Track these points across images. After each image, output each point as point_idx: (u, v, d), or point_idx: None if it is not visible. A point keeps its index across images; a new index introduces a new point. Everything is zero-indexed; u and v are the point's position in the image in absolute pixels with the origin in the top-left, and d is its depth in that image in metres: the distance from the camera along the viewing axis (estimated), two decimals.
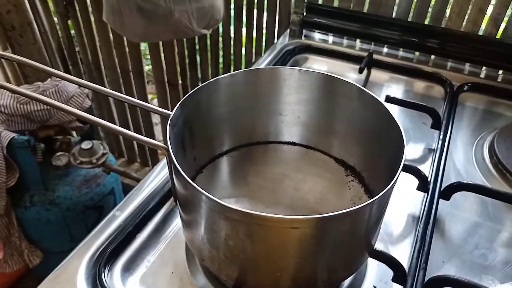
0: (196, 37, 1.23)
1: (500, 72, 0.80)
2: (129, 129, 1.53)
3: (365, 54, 0.80)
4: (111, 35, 1.32)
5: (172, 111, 0.43)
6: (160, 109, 0.45)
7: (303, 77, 0.51)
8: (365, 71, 0.80)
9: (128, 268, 0.48)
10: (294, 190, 0.52)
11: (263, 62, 0.82)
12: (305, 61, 0.85)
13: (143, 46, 1.74)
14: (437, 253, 0.51)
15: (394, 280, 0.46)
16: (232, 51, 1.22)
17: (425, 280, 0.46)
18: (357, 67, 0.78)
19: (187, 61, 1.30)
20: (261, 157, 0.56)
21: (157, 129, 1.72)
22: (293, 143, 0.57)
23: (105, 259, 0.47)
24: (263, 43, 1.16)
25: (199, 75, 1.33)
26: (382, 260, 0.46)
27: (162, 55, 1.31)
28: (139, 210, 0.53)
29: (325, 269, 0.39)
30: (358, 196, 0.51)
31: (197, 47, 1.26)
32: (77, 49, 1.45)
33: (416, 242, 0.50)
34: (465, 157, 0.65)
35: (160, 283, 0.47)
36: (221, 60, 1.27)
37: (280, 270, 0.38)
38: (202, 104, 0.48)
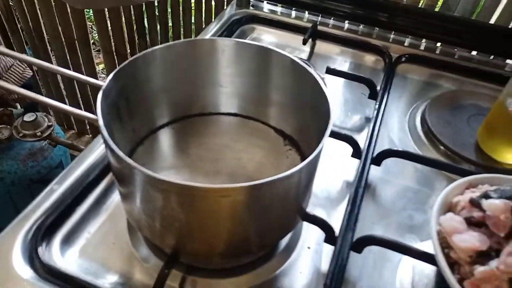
0: (144, 5, 1.19)
1: (439, 44, 0.83)
2: (78, 102, 1.48)
3: (305, 23, 0.82)
4: (52, 1, 1.26)
5: None
6: (92, 80, 0.44)
7: (240, 48, 0.51)
8: (310, 43, 0.81)
9: (68, 241, 0.48)
10: (234, 159, 0.54)
11: (210, 32, 0.81)
12: (251, 32, 0.85)
13: (90, 13, 1.67)
14: (367, 215, 0.54)
15: (326, 240, 0.50)
16: (181, 20, 1.20)
17: (354, 240, 0.49)
18: (302, 36, 0.79)
19: (135, 29, 1.26)
20: (202, 128, 0.56)
21: None
22: (234, 114, 0.58)
23: (42, 233, 0.47)
24: (213, 12, 1.14)
25: (149, 45, 1.30)
26: (314, 223, 0.48)
27: (109, 23, 1.27)
28: (78, 182, 0.53)
29: (257, 234, 0.41)
30: (294, 164, 0.52)
31: (145, 15, 1.22)
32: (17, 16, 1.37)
33: (348, 206, 0.53)
34: (399, 126, 0.69)
35: (101, 254, 0.48)
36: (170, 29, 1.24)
37: (214, 236, 0.40)
38: (139, 75, 0.48)
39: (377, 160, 0.59)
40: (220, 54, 0.51)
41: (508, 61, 0.81)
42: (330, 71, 0.70)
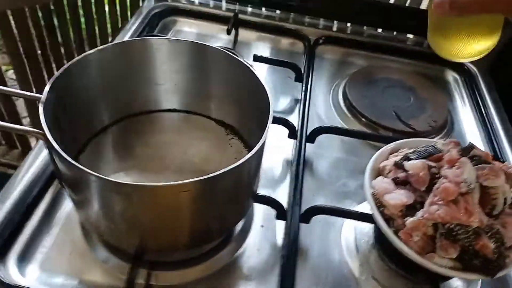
0: (50, 2, 1.12)
1: (349, 24, 0.91)
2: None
3: (231, 14, 0.84)
4: None
5: (41, 93, 0.42)
6: (28, 93, 0.43)
7: (173, 46, 0.53)
8: (233, 32, 0.84)
9: (24, 258, 0.47)
10: (181, 154, 0.56)
11: (131, 28, 0.81)
12: (174, 24, 0.86)
13: None
14: (308, 189, 0.60)
15: (277, 217, 0.54)
16: (94, 14, 1.15)
17: (301, 213, 0.54)
18: (225, 27, 0.82)
19: (43, 28, 1.19)
20: (144, 127, 0.57)
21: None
22: (174, 110, 0.59)
23: None
24: (128, 3, 1.12)
25: (61, 43, 1.23)
26: (265, 203, 0.53)
27: (13, 23, 1.17)
28: (22, 199, 0.51)
29: (217, 221, 0.45)
30: (239, 151, 0.56)
31: (53, 12, 1.16)
32: None
33: (291, 182, 0.58)
34: (324, 104, 0.76)
35: (62, 265, 0.47)
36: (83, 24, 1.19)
37: (176, 230, 0.42)
38: (73, 83, 0.47)
39: (311, 137, 0.64)
40: (154, 52, 0.52)
41: (409, 35, 0.91)
42: (257, 58, 0.73)
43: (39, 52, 1.24)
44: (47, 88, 0.42)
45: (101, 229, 0.43)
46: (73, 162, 0.37)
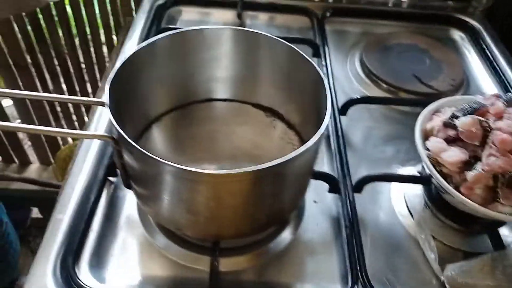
0: (37, 8, 1.09)
1: None
2: None
3: None
4: None
5: (101, 97, 0.42)
6: (93, 99, 0.43)
7: (227, 34, 0.52)
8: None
9: (97, 265, 0.47)
10: (228, 142, 0.56)
11: (139, 22, 0.79)
12: (179, 14, 0.84)
13: None
14: (350, 161, 0.61)
15: (330, 190, 0.56)
16: (85, 16, 1.12)
17: (353, 184, 0.56)
18: (230, 11, 0.81)
19: (32, 36, 1.15)
20: (186, 119, 0.57)
21: None
22: (210, 99, 0.59)
23: (70, 264, 0.45)
24: (118, 2, 1.09)
25: (51, 49, 1.19)
26: (320, 178, 0.54)
27: None
28: (81, 205, 0.51)
29: (289, 200, 0.46)
30: (283, 132, 0.57)
31: (40, 18, 1.12)
32: None
33: (336, 156, 0.59)
34: (344, 75, 0.77)
35: (134, 266, 0.48)
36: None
37: (254, 216, 0.43)
38: (124, 81, 0.47)
39: (343, 110, 0.66)
40: (208, 42, 0.52)
41: None
42: None
43: (29, 61, 1.20)
44: (107, 90, 0.41)
45: (179, 223, 0.44)
46: (158, 158, 0.37)
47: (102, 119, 0.60)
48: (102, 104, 0.42)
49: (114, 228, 0.51)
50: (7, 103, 1.38)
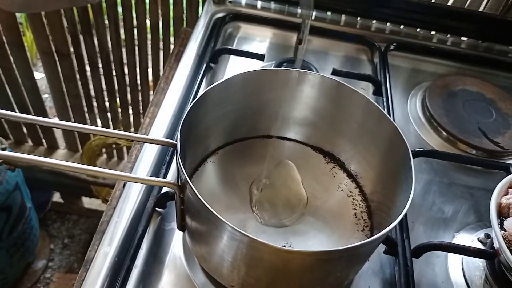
0: None
1: (418, 30, 0.87)
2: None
3: (295, 19, 0.80)
4: None
5: (174, 139, 0.39)
6: (164, 140, 0.40)
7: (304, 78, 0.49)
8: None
9: None
10: (283, 187, 0.53)
11: (198, 36, 0.76)
12: (238, 31, 0.81)
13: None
14: (408, 215, 0.58)
15: (387, 252, 0.52)
16: (134, 13, 1.10)
17: (411, 248, 0.52)
18: (290, 33, 0.78)
19: (78, 25, 1.13)
20: (243, 154, 0.54)
21: None
22: (268, 136, 0.56)
23: None
24: (170, 2, 1.06)
25: (96, 42, 1.17)
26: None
27: (45, 21, 1.12)
28: (128, 238, 0.49)
29: (353, 273, 0.43)
30: (343, 182, 0.54)
31: (89, 8, 1.10)
32: None
33: None
34: (402, 116, 0.73)
35: None
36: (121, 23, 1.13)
37: (318, 285, 0.40)
38: (191, 119, 0.44)
39: None
40: (282, 83, 0.49)
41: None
42: (336, 72, 0.70)
43: (71, 50, 1.19)
44: (178, 134, 0.39)
45: (234, 282, 0.41)
46: (223, 219, 0.34)
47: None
48: (172, 145, 0.40)
49: (158, 265, 0.48)
50: (39, 75, 1.38)
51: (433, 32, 0.87)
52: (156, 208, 0.52)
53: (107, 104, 1.35)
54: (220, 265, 0.41)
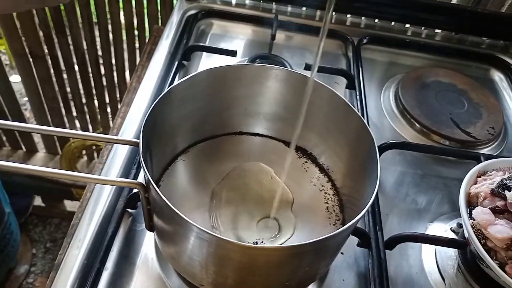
0: None
1: (393, 23, 0.87)
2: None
3: (268, 15, 0.80)
4: None
5: (136, 138, 0.39)
6: (126, 139, 0.40)
7: (268, 72, 0.49)
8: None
9: None
10: (255, 183, 0.53)
11: (169, 32, 0.75)
12: (210, 28, 0.81)
13: None
14: (381, 208, 0.58)
15: (360, 245, 0.52)
16: (107, 12, 1.08)
17: (385, 240, 0.52)
18: (264, 29, 0.78)
19: (52, 26, 1.11)
20: (214, 152, 0.54)
21: None
22: (240, 133, 0.56)
23: None
24: (144, 1, 1.05)
25: (70, 43, 1.16)
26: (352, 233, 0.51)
27: (17, 22, 1.10)
28: (97, 240, 0.48)
29: (323, 266, 0.43)
30: (316, 177, 0.54)
31: (63, 9, 1.08)
32: None
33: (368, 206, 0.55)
34: (376, 109, 0.73)
35: None
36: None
37: (286, 281, 0.40)
38: (156, 116, 0.43)
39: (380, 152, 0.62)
40: (248, 78, 0.49)
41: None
42: (309, 67, 0.70)
43: (46, 51, 1.17)
44: (141, 134, 0.38)
45: (204, 281, 0.40)
46: (189, 220, 0.34)
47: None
48: (135, 144, 0.39)
49: (130, 267, 0.48)
50: (16, 79, 1.35)
51: (407, 25, 0.88)
52: (127, 209, 0.52)
53: (85, 105, 1.33)
54: (189, 265, 0.41)
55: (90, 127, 1.40)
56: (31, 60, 1.19)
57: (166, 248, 0.43)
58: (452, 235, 0.55)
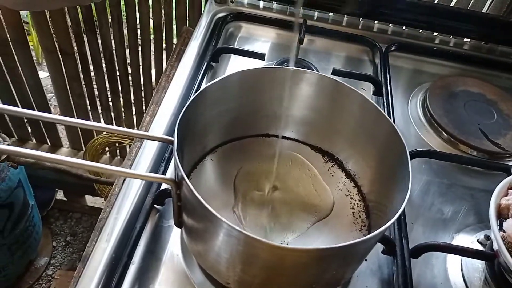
0: None
1: (420, 31, 0.87)
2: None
3: (298, 19, 0.80)
4: None
5: (172, 135, 0.39)
6: (162, 136, 0.40)
7: (303, 77, 0.50)
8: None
9: None
10: (281, 185, 0.53)
11: (199, 35, 0.76)
12: (239, 31, 0.82)
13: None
14: (406, 216, 0.58)
15: (385, 252, 0.52)
16: (137, 12, 1.10)
17: (410, 248, 0.52)
18: (291, 34, 0.78)
19: (82, 24, 1.14)
20: (242, 152, 0.54)
21: None
22: (268, 135, 0.56)
23: None
24: (173, 1, 1.07)
25: (99, 41, 1.18)
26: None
27: (49, 20, 1.12)
28: (125, 235, 0.49)
29: (350, 271, 0.43)
30: (342, 182, 0.54)
31: (93, 7, 1.11)
32: None
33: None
34: (403, 117, 0.73)
35: None
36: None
37: (312, 285, 0.40)
38: (189, 116, 0.44)
39: None
40: (282, 81, 0.49)
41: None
42: (336, 72, 0.70)
43: (75, 49, 1.20)
44: (176, 130, 0.39)
45: (230, 279, 0.41)
46: (220, 217, 0.34)
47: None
48: (169, 141, 0.40)
49: (156, 262, 0.49)
50: (42, 75, 1.38)
51: (435, 33, 0.87)
52: (155, 205, 0.53)
53: (110, 103, 1.35)
54: (217, 262, 0.41)
55: (114, 124, 1.42)
56: (60, 57, 1.21)
57: (194, 245, 0.44)
58: (479, 247, 0.54)
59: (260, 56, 0.71)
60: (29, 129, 1.48)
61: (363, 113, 0.48)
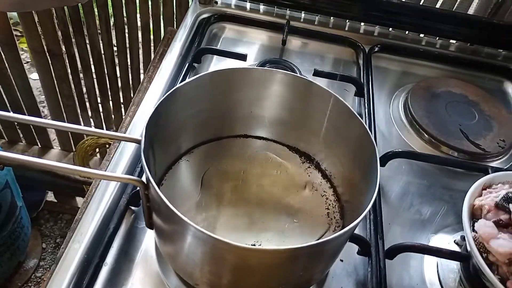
0: None
1: (407, 32, 0.87)
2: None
3: (282, 21, 0.80)
4: None
5: (139, 135, 0.39)
6: (129, 136, 0.40)
7: (273, 76, 0.50)
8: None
9: None
10: (257, 184, 0.53)
11: (181, 36, 0.76)
12: (222, 32, 0.81)
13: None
14: (383, 216, 0.57)
15: (360, 253, 0.52)
16: (124, 13, 1.10)
17: (385, 249, 0.52)
18: (275, 34, 0.78)
19: (70, 25, 1.14)
20: (218, 154, 0.54)
21: None
22: (245, 136, 0.56)
23: None
24: (160, 1, 1.07)
25: (87, 42, 1.18)
26: (351, 240, 0.50)
27: (36, 18, 1.12)
28: (99, 235, 0.49)
29: (320, 271, 0.42)
30: (318, 182, 0.54)
31: (80, 8, 1.11)
32: None
33: (369, 215, 0.55)
34: (384, 117, 0.72)
35: None
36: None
37: (282, 285, 0.40)
38: (161, 116, 0.44)
39: (383, 162, 0.62)
40: (251, 81, 0.49)
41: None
42: (318, 73, 0.70)
43: (64, 50, 1.20)
44: (144, 130, 0.39)
45: (199, 280, 0.41)
46: (185, 219, 0.34)
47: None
48: (138, 141, 0.40)
49: (129, 263, 0.48)
50: (36, 76, 1.38)
51: (421, 35, 0.87)
52: (130, 207, 0.52)
53: (99, 104, 1.35)
54: (186, 264, 0.41)
55: (104, 125, 1.42)
56: (49, 58, 1.21)
57: (164, 247, 0.43)
58: (456, 248, 0.54)
59: (242, 57, 0.71)
60: (19, 131, 1.48)
61: (336, 114, 0.48)
